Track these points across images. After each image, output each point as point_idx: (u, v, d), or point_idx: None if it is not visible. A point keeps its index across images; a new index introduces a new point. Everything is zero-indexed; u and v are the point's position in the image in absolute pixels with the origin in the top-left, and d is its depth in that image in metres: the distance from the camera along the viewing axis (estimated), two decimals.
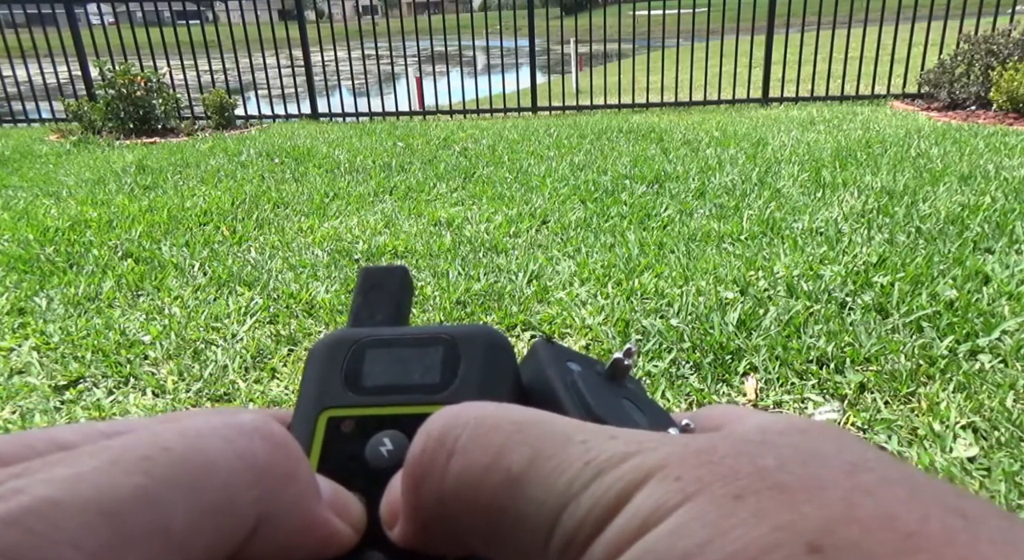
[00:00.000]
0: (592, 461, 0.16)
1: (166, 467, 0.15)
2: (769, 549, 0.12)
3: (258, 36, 7.89)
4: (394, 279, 0.28)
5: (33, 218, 3.78)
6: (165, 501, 0.15)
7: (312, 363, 0.23)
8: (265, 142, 6.16)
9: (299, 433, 0.21)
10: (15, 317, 2.56)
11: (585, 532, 0.15)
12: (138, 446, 0.15)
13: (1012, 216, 3.06)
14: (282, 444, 0.17)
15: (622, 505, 0.15)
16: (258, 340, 2.31)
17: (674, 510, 0.14)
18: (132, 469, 0.15)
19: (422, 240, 3.26)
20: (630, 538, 0.14)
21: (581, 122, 6.78)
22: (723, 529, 0.13)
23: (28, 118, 8.10)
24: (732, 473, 0.14)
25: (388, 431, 0.21)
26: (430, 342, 0.23)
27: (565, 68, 10.43)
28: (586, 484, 0.15)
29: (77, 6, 7.75)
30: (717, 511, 0.14)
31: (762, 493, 0.14)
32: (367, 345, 0.23)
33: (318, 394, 0.22)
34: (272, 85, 8.13)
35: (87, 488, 0.14)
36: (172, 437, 0.16)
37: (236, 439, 0.17)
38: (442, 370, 0.22)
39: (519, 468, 0.16)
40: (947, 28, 7.10)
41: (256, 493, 0.16)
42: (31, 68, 7.96)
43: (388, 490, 0.19)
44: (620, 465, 0.15)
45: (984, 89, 6.09)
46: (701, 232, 3.14)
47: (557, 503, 0.16)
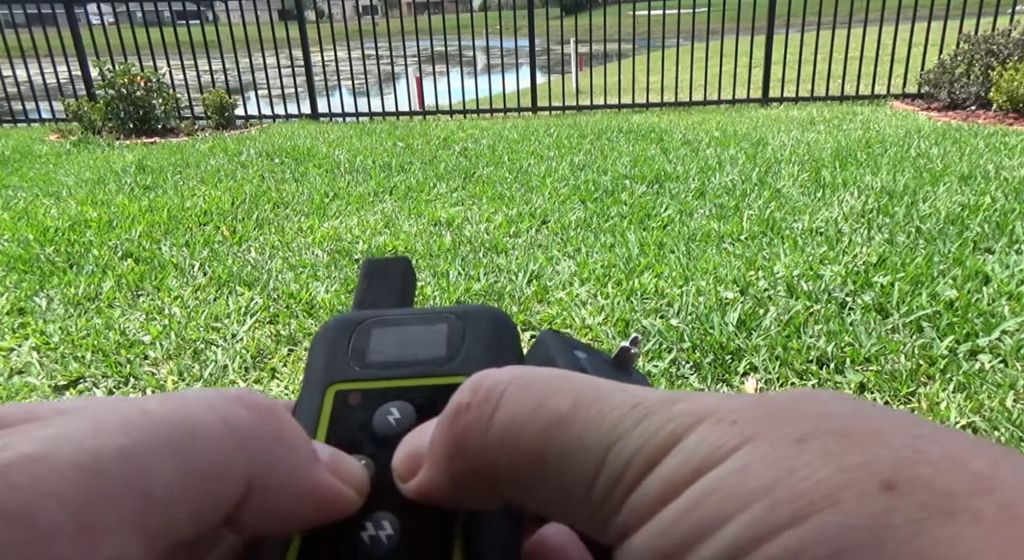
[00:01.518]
0: (639, 404, 0.16)
1: (147, 429, 0.15)
2: (842, 487, 0.12)
3: (258, 36, 7.89)
4: (396, 269, 0.28)
5: (33, 218, 3.78)
6: (146, 461, 0.15)
7: (318, 343, 0.23)
8: (265, 142, 6.16)
9: (306, 406, 0.21)
10: (15, 317, 2.56)
11: (633, 472, 0.15)
12: (121, 410, 0.16)
13: (1012, 216, 3.06)
14: (266, 410, 0.18)
15: (673, 446, 0.15)
16: (258, 340, 2.31)
17: (734, 452, 0.14)
18: (113, 430, 0.15)
19: (422, 240, 3.26)
20: (688, 478, 0.14)
21: (581, 122, 6.78)
22: (790, 469, 0.13)
23: (28, 118, 8.10)
24: (790, 419, 0.14)
25: (395, 402, 0.21)
26: (435, 320, 0.24)
27: (565, 68, 10.43)
28: (634, 424, 0.15)
29: (77, 6, 7.74)
30: (781, 452, 0.14)
31: (826, 436, 0.14)
32: (372, 324, 0.24)
33: (325, 370, 0.22)
34: (272, 85, 8.13)
35: (68, 446, 0.14)
36: (154, 403, 0.16)
37: (219, 405, 0.17)
38: (447, 345, 0.23)
39: (564, 410, 0.16)
40: (947, 28, 7.10)
41: (244, 457, 0.16)
42: (31, 68, 7.95)
43: (404, 443, 0.19)
44: (669, 408, 0.15)
45: (984, 89, 6.09)
46: (701, 232, 3.14)
47: (603, 443, 0.15)
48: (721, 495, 0.13)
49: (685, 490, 0.14)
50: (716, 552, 0.13)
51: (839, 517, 0.12)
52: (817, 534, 0.12)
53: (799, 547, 0.12)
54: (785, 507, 0.13)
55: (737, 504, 0.13)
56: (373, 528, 0.18)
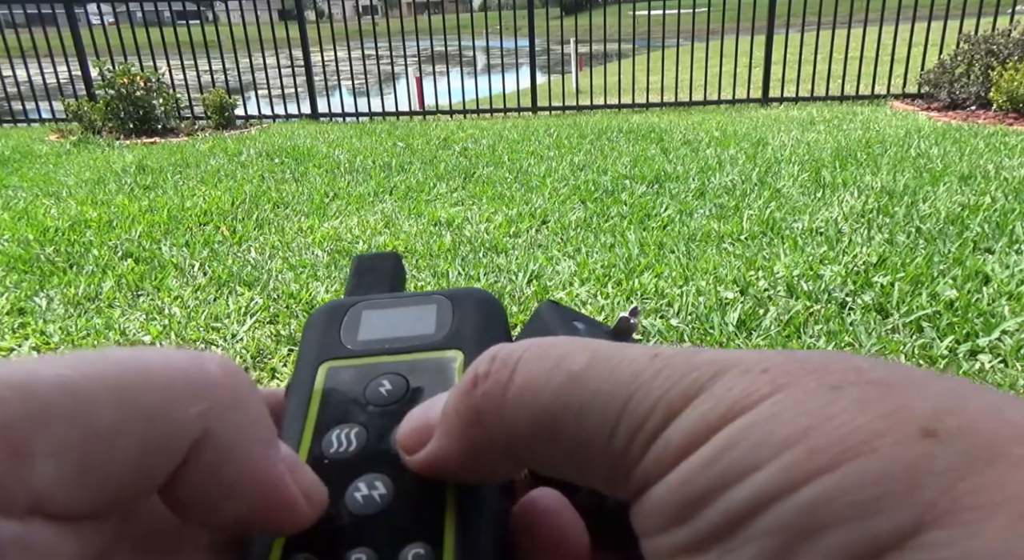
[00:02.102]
0: (659, 355, 0.16)
1: (96, 364, 0.15)
2: (879, 434, 0.12)
3: (258, 36, 7.89)
4: (386, 264, 0.29)
5: (33, 218, 3.78)
6: (88, 392, 0.14)
7: (310, 326, 0.24)
8: (265, 142, 6.16)
9: (299, 383, 0.22)
10: (15, 317, 2.56)
11: (655, 420, 0.15)
12: (81, 353, 0.15)
13: (1012, 216, 3.06)
14: (233, 372, 0.17)
15: (697, 394, 0.15)
16: (258, 340, 2.31)
17: (765, 399, 0.14)
18: (60, 363, 0.15)
19: (422, 240, 3.26)
20: (715, 425, 0.14)
21: (581, 122, 6.78)
22: (826, 416, 0.13)
23: (28, 118, 8.09)
24: (823, 369, 0.14)
25: (387, 375, 0.21)
26: (424, 301, 0.24)
27: (565, 68, 10.43)
28: (655, 374, 0.15)
29: (77, 6, 7.74)
30: (816, 400, 0.13)
31: (861, 385, 0.13)
32: (363, 307, 0.24)
33: (318, 349, 0.23)
34: (272, 85, 8.13)
35: (8, 369, 0.14)
36: (114, 349, 0.16)
37: (180, 359, 0.16)
38: (437, 323, 0.23)
39: (580, 366, 0.16)
40: (947, 28, 7.10)
41: (196, 409, 0.16)
42: (31, 68, 7.95)
43: (411, 417, 0.19)
44: (691, 358, 0.15)
45: (984, 89, 6.09)
46: (701, 232, 3.13)
47: (622, 393, 0.15)
48: (752, 442, 0.13)
49: (712, 437, 0.14)
50: (745, 498, 0.13)
51: (877, 463, 0.12)
52: (854, 479, 0.12)
53: (834, 492, 0.12)
54: (821, 453, 0.12)
55: (770, 450, 0.13)
56: (366, 488, 0.18)
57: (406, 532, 0.18)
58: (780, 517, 0.13)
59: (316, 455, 0.20)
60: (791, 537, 0.12)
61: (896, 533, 0.12)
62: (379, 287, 0.27)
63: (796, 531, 0.12)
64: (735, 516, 0.13)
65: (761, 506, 0.13)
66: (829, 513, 0.12)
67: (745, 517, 0.13)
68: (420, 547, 0.17)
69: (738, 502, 0.13)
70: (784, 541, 0.12)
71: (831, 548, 0.12)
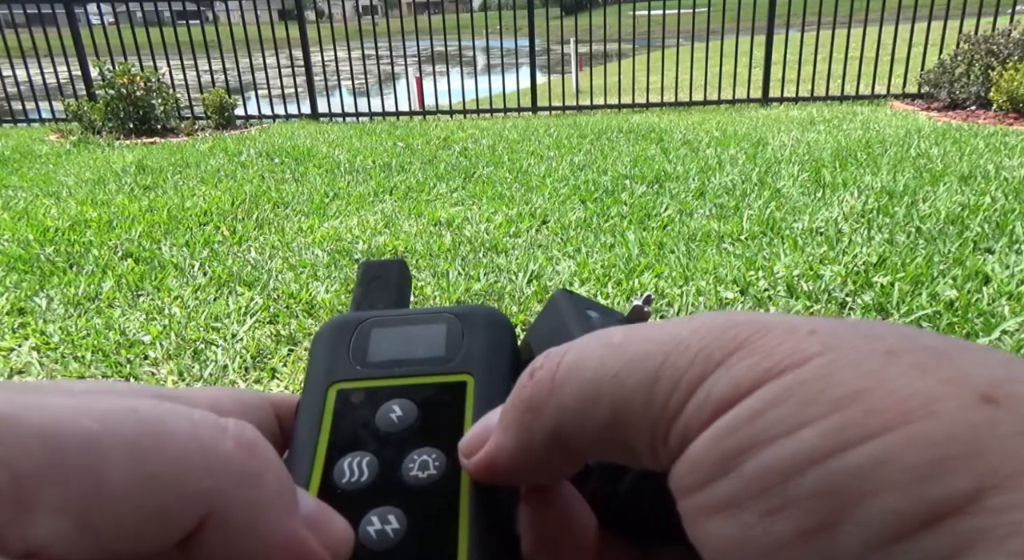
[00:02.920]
0: (697, 317, 0.16)
1: (123, 422, 0.15)
2: (939, 398, 0.12)
3: (258, 36, 7.88)
4: (392, 271, 0.29)
5: (33, 218, 3.78)
6: (107, 449, 0.14)
7: (319, 343, 0.24)
8: (265, 142, 6.16)
9: (309, 406, 0.22)
10: (15, 317, 2.56)
11: (694, 372, 0.14)
12: (111, 401, 0.15)
13: (1012, 216, 3.06)
14: (251, 447, 0.16)
15: (738, 348, 0.14)
16: (258, 340, 2.31)
17: (814, 358, 0.13)
18: (89, 414, 0.15)
19: (422, 240, 3.26)
20: (760, 379, 0.14)
21: (581, 122, 6.78)
22: (881, 379, 0.13)
23: (28, 118, 8.09)
24: (874, 335, 0.14)
25: (397, 399, 0.21)
26: (433, 320, 0.24)
27: (565, 68, 10.43)
28: (693, 331, 0.15)
29: (77, 6, 7.74)
30: (870, 363, 0.13)
31: (916, 352, 0.13)
32: (373, 325, 0.24)
33: (327, 370, 0.23)
34: (272, 85, 8.13)
35: (39, 415, 0.14)
36: (146, 404, 0.16)
37: (201, 427, 0.16)
38: (447, 345, 0.23)
39: (619, 338, 0.16)
40: (947, 28, 7.10)
41: (208, 483, 0.15)
42: (31, 68, 7.95)
43: (474, 426, 0.19)
44: (731, 317, 0.15)
45: (984, 89, 6.09)
46: (701, 232, 3.13)
47: (661, 351, 0.15)
48: (801, 399, 0.13)
49: (756, 391, 0.13)
50: (791, 454, 0.13)
51: (937, 427, 0.12)
52: (912, 443, 0.12)
53: (890, 455, 0.12)
54: (876, 415, 0.12)
55: (820, 409, 0.13)
56: (379, 522, 0.18)
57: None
58: (829, 477, 0.12)
59: (329, 484, 0.20)
60: (840, 499, 0.12)
61: (956, 498, 0.11)
62: (386, 296, 0.27)
63: (846, 493, 0.12)
64: (779, 472, 0.13)
65: (808, 464, 0.12)
66: (884, 476, 0.12)
67: (790, 474, 0.13)
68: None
69: (783, 458, 0.13)
70: (832, 503, 0.12)
71: (885, 512, 0.12)
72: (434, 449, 0.20)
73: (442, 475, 0.19)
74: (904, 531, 0.11)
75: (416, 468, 0.19)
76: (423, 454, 0.20)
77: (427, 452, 0.20)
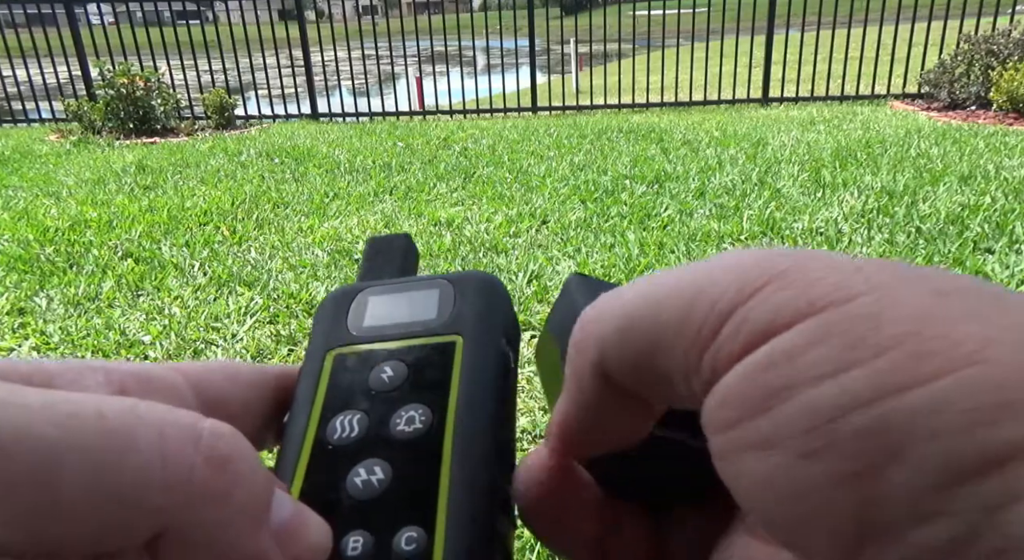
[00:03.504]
0: (732, 251, 0.15)
1: (85, 431, 0.14)
2: (997, 342, 0.12)
3: (258, 36, 7.88)
4: (397, 245, 0.29)
5: (33, 218, 3.78)
6: (63, 459, 0.14)
7: (320, 314, 0.25)
8: (265, 142, 6.16)
9: (308, 371, 0.23)
10: (15, 317, 2.56)
11: (730, 297, 0.14)
12: (79, 402, 0.15)
13: (1012, 216, 3.06)
14: (221, 460, 0.16)
15: (775, 279, 0.14)
16: (258, 340, 2.31)
17: (860, 296, 0.13)
18: (52, 419, 0.14)
19: (422, 240, 3.26)
20: (802, 311, 0.13)
21: (581, 122, 6.78)
22: (934, 319, 0.12)
23: (28, 118, 8.09)
24: (923, 276, 0.13)
25: (389, 361, 0.22)
26: (427, 286, 0.25)
27: (565, 68, 10.43)
28: (729, 260, 0.15)
29: (77, 6, 7.74)
30: (921, 303, 0.12)
31: (969, 294, 0.13)
32: (369, 293, 0.25)
33: (325, 337, 0.24)
34: (272, 85, 8.13)
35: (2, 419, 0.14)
36: (117, 409, 0.15)
37: (171, 441, 0.15)
38: (439, 308, 0.24)
39: (658, 274, 0.16)
40: (947, 28, 7.10)
41: (163, 501, 0.15)
42: (31, 68, 7.95)
43: None
44: (769, 250, 0.15)
45: (984, 89, 6.09)
46: (701, 232, 3.14)
47: (698, 281, 0.15)
48: (847, 339, 0.12)
49: (797, 325, 0.13)
50: (836, 395, 0.12)
51: (996, 370, 0.11)
52: (969, 387, 0.11)
53: (945, 399, 0.11)
54: (930, 358, 0.12)
55: (867, 350, 0.12)
56: (365, 473, 0.19)
57: (401, 516, 0.18)
58: (878, 421, 0.12)
59: (321, 441, 0.21)
60: (888, 443, 0.11)
61: (1013, 444, 0.11)
62: (390, 268, 0.28)
63: (895, 437, 0.11)
64: (822, 414, 0.12)
65: (855, 407, 0.12)
66: (937, 421, 0.11)
67: (835, 416, 0.12)
68: (413, 530, 0.18)
69: (828, 399, 0.12)
70: (879, 446, 0.12)
71: (936, 458, 0.11)
72: (421, 405, 0.21)
73: (427, 428, 0.20)
74: (956, 478, 0.11)
75: (403, 423, 0.20)
76: (410, 410, 0.20)
77: (414, 408, 0.21)
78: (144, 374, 0.19)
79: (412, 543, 0.18)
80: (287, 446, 0.21)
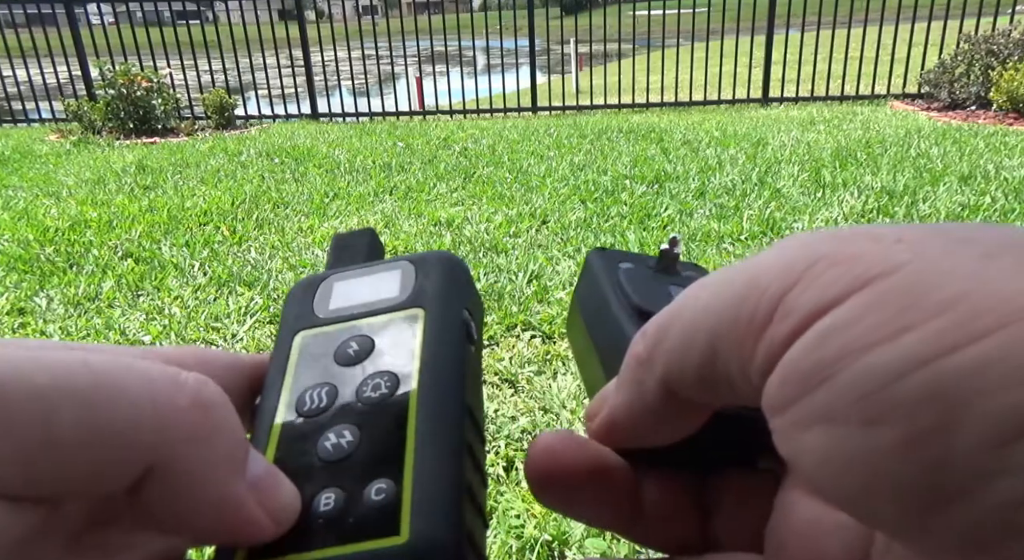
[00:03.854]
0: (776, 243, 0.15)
1: (74, 376, 0.15)
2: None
3: (258, 36, 7.89)
4: (363, 240, 0.30)
5: (33, 218, 3.78)
6: (56, 403, 0.14)
7: (289, 300, 0.26)
8: (265, 142, 6.16)
9: (278, 353, 0.24)
10: (15, 317, 2.56)
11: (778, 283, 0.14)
12: (63, 356, 0.15)
13: (1012, 216, 3.06)
14: (204, 405, 0.17)
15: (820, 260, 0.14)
16: (258, 340, 2.31)
17: (906, 265, 0.13)
18: (40, 367, 0.15)
19: (422, 240, 3.26)
20: (851, 285, 0.13)
21: (581, 122, 6.78)
22: (983, 280, 0.12)
23: (28, 118, 8.09)
24: (968, 239, 0.13)
25: (355, 338, 0.23)
26: (389, 268, 0.26)
27: (565, 68, 10.43)
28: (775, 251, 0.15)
29: (77, 6, 7.74)
30: (968, 267, 0.12)
31: (1015, 253, 0.13)
32: (334, 279, 0.26)
33: (293, 320, 0.25)
34: (272, 85, 8.13)
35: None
36: (101, 359, 0.16)
37: (158, 383, 0.16)
38: (401, 287, 0.24)
39: (711, 278, 0.17)
40: (947, 28, 7.10)
41: (153, 438, 0.16)
42: (31, 68, 7.95)
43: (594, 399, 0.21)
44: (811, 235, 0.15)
45: (984, 89, 6.09)
46: (701, 232, 3.14)
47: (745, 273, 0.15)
48: (899, 304, 0.12)
49: (847, 299, 0.13)
50: (894, 359, 0.12)
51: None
52: (1018, 342, 0.11)
53: (1001, 354, 0.11)
54: (983, 316, 0.12)
55: (919, 314, 0.12)
56: (335, 437, 0.20)
57: (370, 471, 0.19)
58: (936, 381, 0.12)
59: (292, 414, 0.21)
60: (949, 401, 0.11)
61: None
62: (356, 261, 0.29)
63: (956, 395, 0.11)
64: (879, 378, 0.12)
65: (912, 368, 0.12)
66: (997, 376, 0.11)
67: (892, 380, 0.12)
68: (383, 482, 0.19)
69: (884, 363, 0.12)
70: (941, 406, 0.11)
71: (1000, 411, 0.11)
72: (387, 372, 0.21)
73: (393, 392, 0.21)
74: (1015, 433, 0.11)
75: (369, 389, 0.21)
76: (376, 378, 0.21)
77: (380, 376, 0.21)
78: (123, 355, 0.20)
79: (381, 493, 0.18)
80: (259, 421, 0.21)
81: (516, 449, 1.69)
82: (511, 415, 1.84)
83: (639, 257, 0.28)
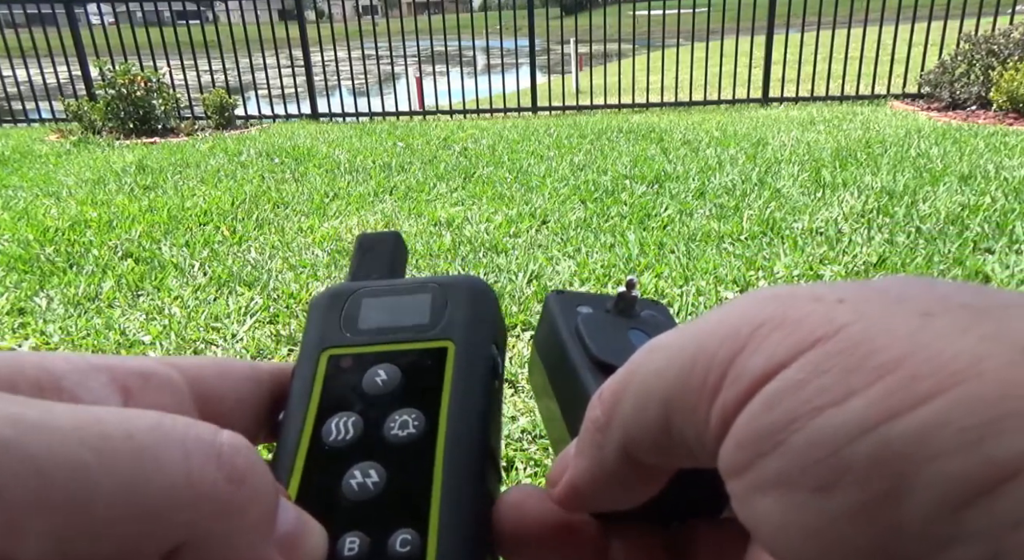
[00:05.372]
0: (726, 303, 0.16)
1: (116, 453, 0.15)
2: (984, 357, 0.12)
3: (258, 36, 7.89)
4: (387, 242, 0.30)
5: (33, 218, 3.78)
6: (98, 481, 0.14)
7: (314, 312, 0.25)
8: (265, 142, 6.16)
9: (302, 371, 0.23)
10: (15, 317, 2.56)
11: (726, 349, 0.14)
12: (108, 422, 0.15)
13: (1012, 216, 3.06)
14: (240, 478, 0.16)
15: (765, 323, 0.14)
16: (258, 340, 2.31)
17: (847, 327, 0.13)
18: (87, 442, 0.15)
19: (422, 240, 3.26)
20: (796, 348, 0.13)
21: (581, 122, 6.78)
22: (921, 342, 0.12)
23: (28, 118, 8.09)
24: (906, 297, 0.13)
25: (383, 364, 0.23)
26: (419, 290, 0.25)
27: (565, 68, 10.43)
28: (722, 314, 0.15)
29: (77, 6, 7.74)
30: (907, 327, 0.12)
31: (952, 311, 0.13)
32: (363, 295, 0.26)
33: (319, 337, 0.24)
34: (272, 85, 8.13)
35: (38, 443, 0.14)
36: (143, 426, 0.16)
37: (194, 457, 0.16)
38: (431, 313, 0.24)
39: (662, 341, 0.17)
40: (947, 28, 7.10)
41: (187, 516, 0.15)
42: (31, 68, 7.95)
43: (555, 461, 0.20)
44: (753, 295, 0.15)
45: (984, 89, 6.09)
46: (701, 232, 3.14)
47: (695, 339, 0.15)
48: (844, 367, 0.12)
49: (794, 362, 0.13)
50: (842, 423, 0.12)
51: (988, 386, 0.11)
52: (965, 404, 0.11)
53: (945, 418, 0.11)
54: (924, 379, 0.12)
55: (865, 376, 0.12)
56: (360, 475, 0.20)
57: (395, 518, 0.19)
58: (884, 446, 0.12)
59: (317, 442, 0.21)
60: (898, 467, 0.11)
61: (1020, 457, 0.11)
62: (380, 266, 0.29)
63: (904, 460, 0.11)
64: (830, 444, 0.12)
65: (860, 433, 0.12)
66: (942, 440, 0.11)
67: (842, 445, 0.12)
68: (407, 533, 0.19)
69: (833, 428, 0.12)
70: (891, 472, 0.11)
71: (948, 476, 0.11)
72: (414, 409, 0.21)
73: (420, 433, 0.21)
74: (971, 495, 0.11)
75: (397, 427, 0.21)
76: (404, 414, 0.21)
77: (408, 412, 0.21)
78: (144, 372, 0.20)
79: (406, 545, 0.18)
80: (284, 445, 0.21)
81: (516, 449, 1.70)
82: (511, 415, 1.84)
83: (597, 298, 0.28)
